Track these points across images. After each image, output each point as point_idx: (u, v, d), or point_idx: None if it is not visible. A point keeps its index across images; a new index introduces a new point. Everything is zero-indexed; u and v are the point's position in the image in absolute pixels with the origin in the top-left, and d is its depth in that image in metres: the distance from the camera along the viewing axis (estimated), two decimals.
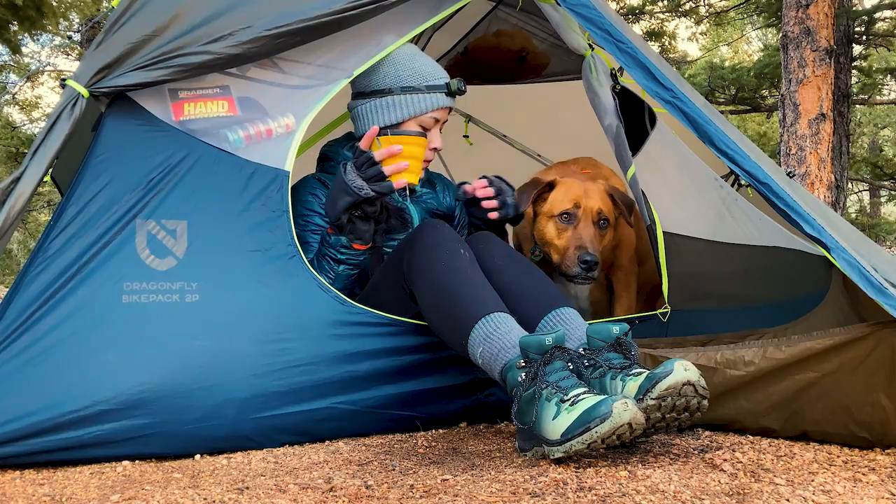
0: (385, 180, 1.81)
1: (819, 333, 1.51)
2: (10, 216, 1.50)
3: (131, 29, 1.62)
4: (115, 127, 1.62)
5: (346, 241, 1.84)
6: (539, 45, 2.70)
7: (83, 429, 1.45)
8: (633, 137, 1.92)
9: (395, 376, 1.71)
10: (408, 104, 1.95)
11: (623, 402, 1.25)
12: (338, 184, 1.82)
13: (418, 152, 1.88)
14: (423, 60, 2.00)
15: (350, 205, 1.80)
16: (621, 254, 2.19)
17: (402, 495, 1.20)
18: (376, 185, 1.79)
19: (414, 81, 1.95)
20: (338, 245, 1.84)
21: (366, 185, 1.79)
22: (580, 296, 2.24)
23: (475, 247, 1.75)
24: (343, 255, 1.84)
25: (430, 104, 1.97)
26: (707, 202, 1.94)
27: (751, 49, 16.75)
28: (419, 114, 1.96)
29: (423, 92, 1.95)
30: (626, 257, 2.19)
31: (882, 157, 10.27)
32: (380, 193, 1.80)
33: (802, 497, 1.12)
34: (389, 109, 1.95)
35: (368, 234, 1.86)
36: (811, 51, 4.84)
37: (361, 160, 1.80)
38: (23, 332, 1.47)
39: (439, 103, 1.98)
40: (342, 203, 1.80)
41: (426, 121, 1.99)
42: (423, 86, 1.96)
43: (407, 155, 1.84)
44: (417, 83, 1.95)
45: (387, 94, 1.95)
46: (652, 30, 9.72)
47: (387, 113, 1.95)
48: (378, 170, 1.79)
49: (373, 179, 1.79)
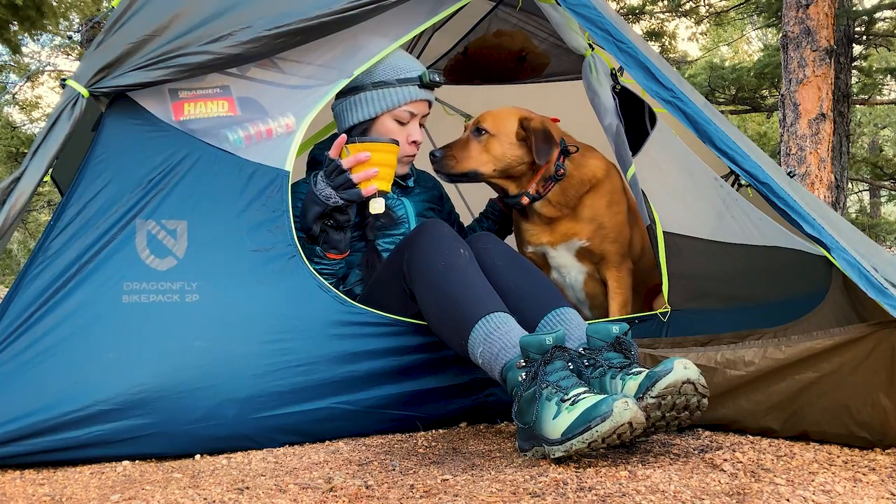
0: (354, 188, 1.80)
1: (819, 333, 1.51)
2: (10, 216, 1.50)
3: (131, 29, 1.62)
4: (115, 127, 1.62)
5: (320, 252, 1.84)
6: (539, 45, 2.70)
7: (83, 429, 1.45)
8: (634, 137, 1.92)
9: (395, 376, 1.71)
10: (380, 99, 1.95)
11: (624, 401, 1.26)
12: (308, 194, 1.82)
13: (389, 159, 1.86)
14: (396, 55, 1.97)
15: (320, 214, 1.80)
16: (609, 247, 2.17)
17: (402, 495, 1.20)
18: (345, 193, 1.79)
19: (385, 76, 1.95)
20: (312, 255, 1.83)
21: (334, 194, 1.79)
22: (575, 287, 2.24)
23: (475, 247, 1.75)
24: (318, 266, 1.83)
25: (402, 97, 1.97)
26: (707, 202, 1.94)
27: (751, 49, 16.76)
28: (392, 107, 1.96)
29: (394, 86, 1.95)
30: (615, 251, 2.17)
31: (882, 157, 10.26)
32: (348, 201, 1.80)
33: (802, 497, 1.12)
34: (362, 105, 1.95)
35: (343, 244, 1.87)
36: (811, 51, 4.84)
37: (330, 168, 1.81)
38: (23, 332, 1.47)
39: (412, 96, 1.98)
40: (312, 213, 1.80)
41: (401, 115, 1.98)
42: (395, 79, 1.95)
43: (376, 162, 1.82)
44: (388, 77, 1.95)
45: (359, 91, 1.96)
46: (652, 30, 9.72)
47: (360, 109, 1.96)
48: (346, 177, 1.79)
49: (341, 187, 1.79)
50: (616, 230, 2.17)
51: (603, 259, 2.18)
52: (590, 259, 2.19)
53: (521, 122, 2.09)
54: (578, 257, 2.19)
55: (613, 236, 2.17)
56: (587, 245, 2.16)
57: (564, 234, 2.17)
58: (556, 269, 2.23)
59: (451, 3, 1.92)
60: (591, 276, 2.23)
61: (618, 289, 2.18)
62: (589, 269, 2.22)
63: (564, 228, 2.17)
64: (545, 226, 2.19)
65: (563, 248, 2.19)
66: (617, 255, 2.18)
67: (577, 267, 2.21)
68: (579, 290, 2.25)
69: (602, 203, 2.16)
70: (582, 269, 2.22)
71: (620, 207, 2.19)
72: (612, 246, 2.17)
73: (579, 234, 2.15)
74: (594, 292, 2.25)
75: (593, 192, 2.16)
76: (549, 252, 2.20)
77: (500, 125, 2.10)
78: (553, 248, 2.19)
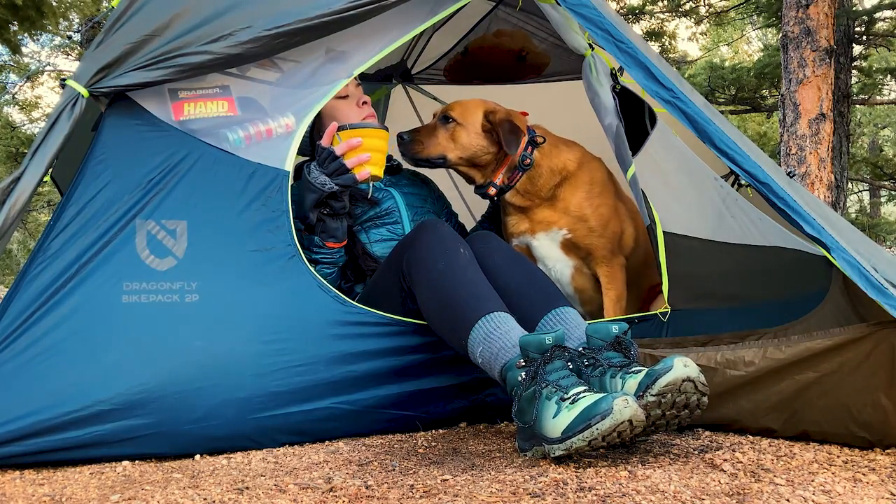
0: (348, 173, 1.84)
1: (819, 333, 1.51)
2: (10, 216, 1.50)
3: (131, 29, 1.62)
4: (115, 127, 1.62)
5: (319, 241, 1.86)
6: (539, 45, 2.70)
7: (83, 429, 1.45)
8: (634, 137, 1.92)
9: (395, 376, 1.71)
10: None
11: (624, 399, 1.26)
12: (304, 183, 1.86)
13: (380, 144, 1.91)
14: None
15: (316, 201, 1.83)
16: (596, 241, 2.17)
17: (402, 495, 1.20)
18: (339, 179, 1.83)
19: None
20: (311, 245, 1.86)
21: (329, 181, 1.83)
22: (562, 281, 2.25)
23: (475, 246, 1.76)
24: (317, 255, 1.88)
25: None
26: (707, 202, 1.94)
27: (751, 49, 16.76)
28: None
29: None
30: (602, 245, 2.18)
31: (882, 157, 10.26)
32: (343, 186, 1.84)
33: (802, 497, 1.12)
34: None
35: (340, 231, 1.90)
36: (811, 51, 4.84)
37: (323, 156, 1.85)
38: (23, 332, 1.47)
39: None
40: (308, 201, 1.83)
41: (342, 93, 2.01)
42: None
43: (368, 147, 1.87)
44: None
45: None
46: (652, 30, 9.71)
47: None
48: (340, 163, 1.83)
49: (335, 173, 1.83)
50: (601, 224, 2.17)
51: (591, 254, 2.18)
52: (576, 253, 2.20)
53: (486, 114, 2.17)
54: (564, 250, 2.20)
55: (599, 230, 2.17)
56: (570, 237, 2.17)
57: (541, 222, 2.19)
58: (540, 262, 2.24)
59: (451, 3, 1.92)
60: (579, 270, 2.23)
61: (609, 284, 2.19)
62: (576, 263, 2.22)
63: (541, 217, 2.20)
64: (522, 215, 2.22)
65: (544, 238, 2.20)
66: (605, 250, 2.18)
67: (563, 260, 2.22)
68: (566, 283, 2.25)
69: (580, 194, 2.18)
70: (568, 263, 2.22)
71: (603, 200, 2.19)
72: (598, 240, 2.17)
73: (558, 223, 2.17)
74: (582, 287, 2.25)
75: (568, 184, 2.19)
76: (531, 242, 2.22)
77: (468, 115, 2.18)
78: (533, 237, 2.21)
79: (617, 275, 2.19)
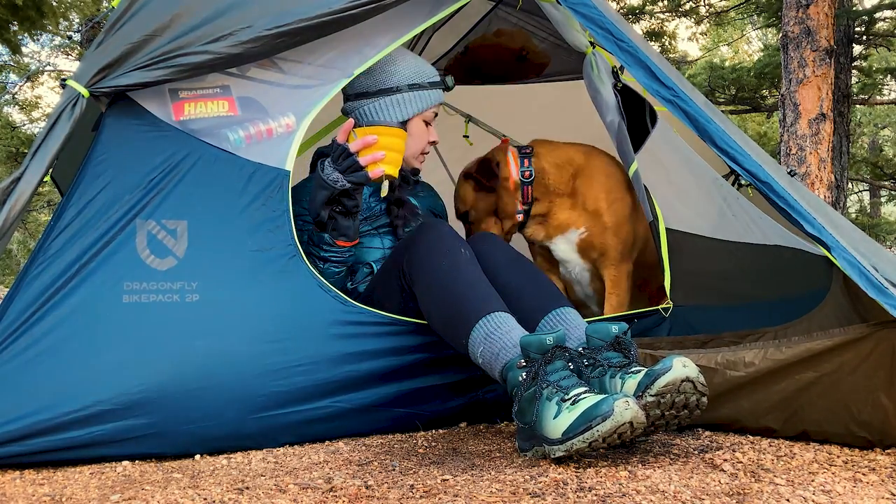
0: (361, 170, 1.81)
1: (819, 333, 1.51)
2: (10, 216, 1.50)
3: (131, 29, 1.62)
4: (115, 127, 1.62)
5: (329, 239, 1.84)
6: (539, 45, 2.70)
7: (83, 429, 1.45)
8: (635, 135, 1.93)
9: (395, 376, 1.71)
10: (416, 100, 2.02)
11: (625, 400, 1.26)
12: (316, 180, 1.84)
13: (396, 143, 1.85)
14: (421, 59, 2.10)
15: (328, 199, 1.80)
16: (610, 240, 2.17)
17: (402, 495, 1.20)
18: (352, 176, 1.79)
19: (419, 79, 2.02)
20: (321, 243, 1.85)
21: (342, 178, 1.79)
22: (582, 282, 2.28)
23: (475, 246, 1.76)
24: (327, 253, 1.85)
25: (433, 99, 2.06)
26: (708, 199, 1.95)
27: (751, 49, 16.75)
28: (426, 108, 2.04)
29: (427, 88, 2.03)
30: (614, 246, 2.18)
31: (882, 157, 10.26)
32: (356, 184, 1.80)
33: (802, 497, 1.12)
34: (400, 106, 2.00)
35: (352, 230, 1.87)
36: (811, 51, 4.84)
37: (337, 152, 1.81)
38: (23, 332, 1.47)
39: (440, 98, 2.08)
40: (320, 197, 1.81)
41: (428, 116, 2.07)
42: (427, 82, 2.03)
43: (384, 145, 1.82)
44: (422, 80, 2.03)
45: (395, 92, 2.00)
46: (652, 30, 9.71)
47: (398, 109, 2.01)
48: (353, 160, 1.80)
49: (349, 170, 1.79)
50: (616, 222, 2.18)
51: (603, 255, 2.19)
52: (589, 254, 2.20)
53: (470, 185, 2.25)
54: (580, 252, 2.21)
55: (614, 228, 2.17)
56: (585, 235, 2.18)
57: (558, 226, 2.21)
58: (561, 265, 2.28)
59: (451, 3, 1.92)
60: (596, 273, 2.25)
61: (613, 288, 2.19)
62: (590, 267, 2.23)
63: (558, 221, 2.21)
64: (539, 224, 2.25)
65: (561, 242, 2.21)
66: (616, 252, 2.18)
67: (580, 263, 2.24)
68: (586, 285, 2.28)
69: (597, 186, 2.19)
70: (585, 266, 2.24)
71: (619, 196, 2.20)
72: (612, 239, 2.18)
73: (576, 224, 2.18)
74: (601, 289, 2.27)
75: (584, 175, 2.20)
76: (550, 246, 2.25)
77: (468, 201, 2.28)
78: (551, 242, 2.22)
79: (622, 280, 2.20)
